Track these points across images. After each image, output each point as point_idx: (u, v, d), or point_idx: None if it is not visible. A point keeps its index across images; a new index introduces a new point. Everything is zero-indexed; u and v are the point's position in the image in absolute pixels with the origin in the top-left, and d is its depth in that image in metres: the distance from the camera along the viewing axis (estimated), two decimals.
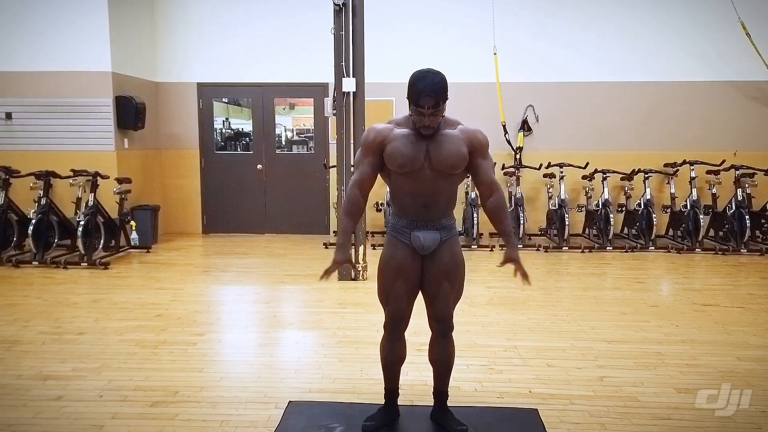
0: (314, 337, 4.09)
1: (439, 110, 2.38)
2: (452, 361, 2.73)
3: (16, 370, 3.43)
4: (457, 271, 2.61)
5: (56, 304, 4.82)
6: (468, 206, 7.40)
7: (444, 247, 2.57)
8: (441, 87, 2.36)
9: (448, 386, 2.77)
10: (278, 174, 8.26)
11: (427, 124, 2.41)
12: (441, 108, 2.38)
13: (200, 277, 6.01)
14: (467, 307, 4.69)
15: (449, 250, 2.58)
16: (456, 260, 2.60)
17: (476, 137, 2.51)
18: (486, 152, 2.54)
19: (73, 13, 6.92)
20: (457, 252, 2.61)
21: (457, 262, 2.60)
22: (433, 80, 2.35)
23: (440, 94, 2.35)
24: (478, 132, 2.53)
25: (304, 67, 7.84)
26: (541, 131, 7.95)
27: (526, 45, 7.83)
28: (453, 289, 2.61)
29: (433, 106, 2.35)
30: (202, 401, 3.05)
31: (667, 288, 5.64)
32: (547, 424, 2.78)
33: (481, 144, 2.51)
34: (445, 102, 2.39)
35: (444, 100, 2.37)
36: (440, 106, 2.37)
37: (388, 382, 2.77)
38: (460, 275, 2.63)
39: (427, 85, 2.34)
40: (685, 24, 7.78)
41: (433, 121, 2.40)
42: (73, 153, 7.00)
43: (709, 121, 7.88)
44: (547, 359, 3.62)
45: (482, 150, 2.52)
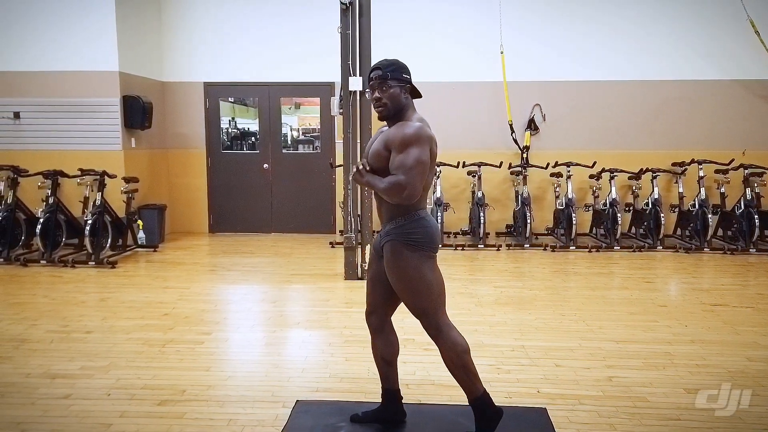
0: (321, 336, 4.09)
1: (385, 83, 2.43)
2: (449, 364, 2.52)
3: (25, 368, 3.45)
4: (398, 280, 2.45)
5: (64, 303, 4.84)
6: (474, 205, 7.38)
7: (384, 251, 2.51)
8: (387, 63, 2.48)
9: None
10: (284, 173, 8.27)
11: (377, 97, 2.46)
12: (387, 84, 2.43)
13: (207, 276, 6.02)
14: (474, 306, 4.68)
15: (386, 256, 2.49)
16: (394, 269, 2.45)
17: (393, 131, 2.41)
18: (400, 146, 2.36)
19: (81, 13, 6.95)
20: (393, 263, 2.44)
21: (394, 272, 2.45)
22: (382, 60, 2.51)
23: (386, 68, 2.46)
24: (400, 126, 2.41)
25: (310, 66, 7.85)
26: (548, 130, 7.92)
27: (533, 43, 7.80)
28: (403, 297, 2.50)
29: (378, 77, 2.44)
30: (210, 400, 3.05)
31: (675, 288, 5.60)
32: (555, 424, 2.76)
33: (395, 138, 2.38)
34: (394, 80, 2.44)
35: (390, 77, 2.43)
36: (386, 80, 2.43)
37: (381, 380, 2.75)
38: (401, 286, 2.46)
39: (377, 62, 2.52)
40: (693, 22, 7.73)
41: (381, 94, 2.44)
42: (80, 152, 7.03)
43: (718, 120, 7.83)
44: (555, 359, 3.60)
45: (395, 143, 2.37)
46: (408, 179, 2.33)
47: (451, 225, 7.76)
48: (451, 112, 7.84)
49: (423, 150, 2.37)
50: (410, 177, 2.33)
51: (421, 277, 2.44)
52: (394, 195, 2.37)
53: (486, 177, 7.60)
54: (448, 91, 7.86)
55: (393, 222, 2.48)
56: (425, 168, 2.38)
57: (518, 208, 7.49)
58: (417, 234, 2.44)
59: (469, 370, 2.50)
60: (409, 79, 2.50)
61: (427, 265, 2.46)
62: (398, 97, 2.46)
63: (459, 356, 2.47)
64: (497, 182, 7.93)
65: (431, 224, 2.49)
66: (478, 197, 7.29)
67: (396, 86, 2.45)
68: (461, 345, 2.49)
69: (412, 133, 2.36)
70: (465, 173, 7.60)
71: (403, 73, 2.49)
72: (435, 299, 2.49)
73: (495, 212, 7.85)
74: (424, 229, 2.45)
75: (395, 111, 2.47)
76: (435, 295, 2.48)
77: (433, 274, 2.48)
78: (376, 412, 2.77)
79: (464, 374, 2.50)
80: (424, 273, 2.44)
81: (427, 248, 2.45)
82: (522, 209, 7.32)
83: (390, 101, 2.45)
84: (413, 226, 2.44)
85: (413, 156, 2.34)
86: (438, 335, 2.50)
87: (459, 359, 2.48)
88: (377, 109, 2.49)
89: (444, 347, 2.50)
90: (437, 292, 2.49)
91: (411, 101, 2.53)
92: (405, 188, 2.33)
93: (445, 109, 7.79)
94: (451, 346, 2.48)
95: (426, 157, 2.38)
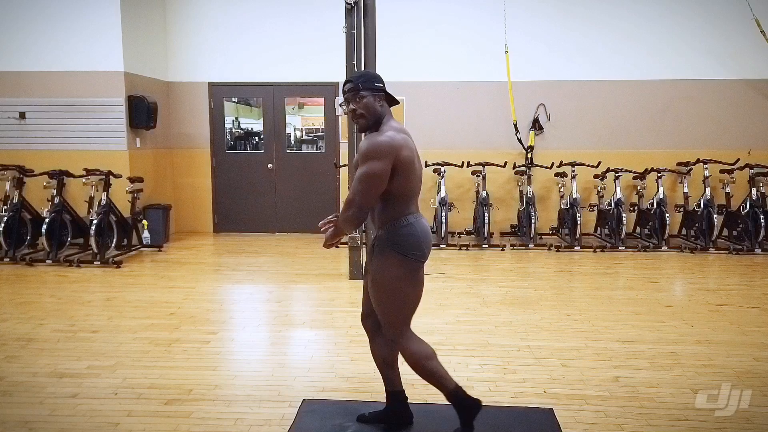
0: (326, 336, 4.09)
1: (358, 94, 2.44)
2: (414, 370, 2.55)
3: (32, 367, 3.46)
4: (374, 287, 2.49)
5: (70, 303, 4.85)
6: (479, 205, 7.38)
7: (372, 257, 2.53)
8: (357, 75, 2.55)
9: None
10: (289, 173, 8.27)
11: (352, 108, 2.48)
12: (360, 95, 2.44)
13: (212, 275, 6.03)
14: (479, 306, 4.67)
15: (373, 263, 2.51)
16: (374, 274, 2.49)
17: (360, 145, 2.44)
18: (359, 161, 2.38)
19: (86, 14, 6.97)
20: (380, 262, 2.47)
21: (374, 277, 2.48)
22: (353, 72, 2.56)
23: (357, 79, 2.49)
24: (365, 140, 2.43)
25: (315, 66, 7.85)
26: (552, 130, 7.91)
27: (537, 43, 7.80)
28: (374, 301, 2.52)
29: (350, 89, 2.47)
30: (217, 399, 3.05)
31: (681, 288, 5.59)
32: (562, 425, 2.76)
33: (358, 152, 2.41)
34: (367, 90, 2.44)
35: (363, 87, 2.44)
36: (359, 91, 2.44)
37: (384, 383, 2.76)
38: (376, 286, 2.48)
39: (347, 77, 2.63)
40: (698, 22, 7.71)
41: (356, 106, 2.45)
42: (85, 152, 7.05)
43: (723, 120, 7.80)
44: (561, 359, 3.60)
45: (360, 157, 2.39)
46: (352, 195, 2.37)
47: (455, 225, 7.76)
48: (455, 112, 7.83)
49: (378, 163, 2.33)
50: (354, 193, 2.36)
51: (397, 291, 2.46)
52: (346, 216, 2.40)
53: (490, 177, 7.60)
54: (453, 91, 7.85)
55: (383, 228, 2.48)
56: (374, 182, 2.34)
57: (523, 208, 7.48)
58: (404, 241, 2.43)
59: (435, 373, 2.54)
60: (382, 87, 2.50)
61: (411, 276, 2.47)
62: (373, 106, 2.45)
63: (418, 363, 2.53)
64: (502, 182, 7.92)
65: (419, 230, 2.47)
66: (482, 197, 7.29)
67: (369, 95, 2.45)
68: (420, 353, 2.52)
69: (368, 148, 2.36)
70: (469, 173, 7.59)
71: (375, 82, 2.49)
72: (404, 314, 2.52)
73: (499, 212, 7.84)
74: (412, 236, 2.44)
75: (373, 121, 2.47)
76: (405, 311, 2.52)
77: (412, 288, 2.49)
78: (383, 413, 2.77)
79: (430, 378, 2.56)
80: (403, 287, 2.46)
81: (413, 256, 2.45)
82: (526, 209, 7.31)
83: (365, 111, 2.45)
84: (401, 232, 2.44)
85: (361, 172, 2.36)
86: (397, 345, 2.56)
87: (420, 367, 2.53)
88: (355, 121, 2.50)
89: (404, 356, 2.56)
90: (409, 307, 2.53)
91: (388, 109, 2.53)
92: (350, 205, 2.38)
93: (449, 109, 7.79)
94: (410, 356, 2.53)
95: (380, 170, 2.33)
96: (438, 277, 5.65)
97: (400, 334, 2.53)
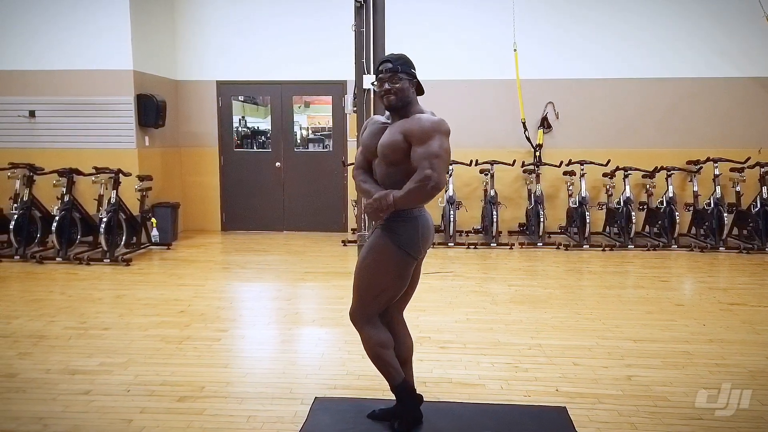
0: (337, 334, 4.09)
1: (395, 76, 2.43)
2: (367, 352, 2.62)
3: (45, 364, 3.47)
4: (360, 267, 2.52)
5: (80, 300, 4.87)
6: (487, 204, 7.36)
7: (368, 239, 2.59)
8: (396, 56, 2.51)
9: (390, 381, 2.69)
10: (296, 172, 8.28)
11: (386, 88, 2.45)
12: (398, 77, 2.44)
13: (221, 273, 6.04)
14: (489, 304, 4.66)
15: (366, 245, 2.58)
16: (363, 255, 2.53)
17: (412, 123, 2.41)
18: (422, 138, 2.36)
19: (95, 13, 6.99)
20: (373, 242, 2.51)
21: (363, 258, 2.52)
22: (391, 54, 2.58)
23: (397, 60, 2.48)
24: (419, 119, 2.41)
25: (322, 64, 7.85)
26: (561, 128, 7.88)
27: (546, 41, 7.77)
28: (355, 275, 2.56)
29: (388, 70, 2.45)
30: (229, 396, 3.06)
31: (691, 287, 5.56)
32: (576, 423, 2.75)
33: (414, 130, 2.38)
34: (404, 73, 2.45)
35: (401, 69, 2.45)
36: (397, 73, 2.44)
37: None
38: (362, 264, 2.51)
39: (386, 55, 2.58)
40: (708, 19, 7.66)
41: (391, 86, 2.44)
42: (95, 151, 7.08)
43: (733, 118, 7.75)
44: (572, 358, 3.58)
45: (415, 136, 2.37)
46: (434, 169, 2.33)
47: (463, 223, 7.74)
48: (464, 110, 7.81)
49: (447, 141, 2.41)
50: (436, 167, 2.34)
51: (380, 279, 2.50)
52: (422, 190, 2.34)
53: (499, 175, 7.58)
54: (462, 89, 7.84)
55: (390, 217, 2.48)
56: (448, 158, 2.42)
57: (531, 207, 7.45)
58: (403, 233, 2.45)
59: (384, 362, 2.60)
60: (416, 75, 2.52)
61: (398, 269, 2.49)
62: (406, 90, 2.47)
63: (371, 349, 2.58)
64: (510, 180, 7.90)
65: (421, 225, 2.48)
66: (490, 195, 7.27)
67: (405, 79, 2.47)
68: (375, 339, 2.57)
69: (434, 124, 2.39)
70: (477, 171, 7.57)
71: (411, 68, 2.51)
72: (379, 303, 2.55)
73: (508, 211, 7.82)
74: (412, 231, 2.46)
75: (402, 104, 2.48)
76: (381, 300, 2.55)
77: (396, 281, 2.51)
78: (394, 410, 2.77)
79: (379, 365, 2.62)
80: (387, 277, 2.49)
81: (406, 250, 2.46)
82: (535, 208, 7.28)
83: (399, 92, 2.46)
84: (404, 225, 2.46)
85: (437, 145, 2.36)
86: (357, 325, 2.60)
87: (372, 351, 2.59)
88: (386, 98, 2.48)
89: (362, 339, 2.61)
90: (387, 298, 2.55)
91: (416, 97, 2.54)
92: (430, 179, 2.31)
93: (458, 108, 7.76)
94: (366, 338, 2.58)
95: (449, 147, 2.42)
96: (447, 276, 5.64)
97: (366, 320, 2.57)
